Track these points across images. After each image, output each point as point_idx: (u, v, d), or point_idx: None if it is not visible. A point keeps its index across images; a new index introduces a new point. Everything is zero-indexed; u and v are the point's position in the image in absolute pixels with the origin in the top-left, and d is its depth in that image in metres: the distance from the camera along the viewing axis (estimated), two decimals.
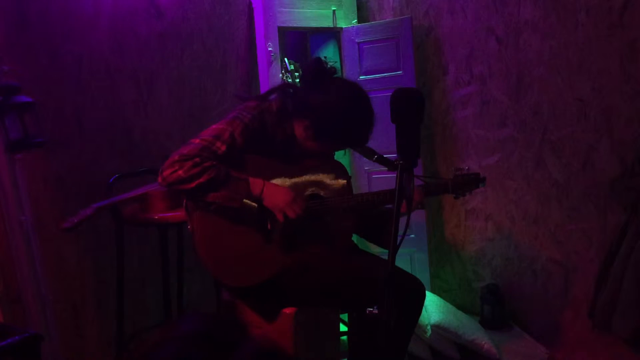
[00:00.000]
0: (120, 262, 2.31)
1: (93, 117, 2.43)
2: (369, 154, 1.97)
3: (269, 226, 1.88)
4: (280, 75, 2.94)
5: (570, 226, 2.68)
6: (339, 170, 2.03)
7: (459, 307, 3.01)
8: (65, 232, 1.92)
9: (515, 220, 2.89)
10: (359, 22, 3.15)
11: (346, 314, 2.50)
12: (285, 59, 3.00)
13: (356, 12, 3.17)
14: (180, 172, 1.73)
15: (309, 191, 1.95)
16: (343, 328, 2.53)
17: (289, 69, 2.97)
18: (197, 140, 1.79)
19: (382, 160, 1.95)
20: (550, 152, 2.69)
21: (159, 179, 1.77)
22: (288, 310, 1.92)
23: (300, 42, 3.36)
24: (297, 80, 2.97)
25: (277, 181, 1.89)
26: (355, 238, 2.22)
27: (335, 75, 1.94)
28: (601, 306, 2.46)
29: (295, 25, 3.03)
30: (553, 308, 2.80)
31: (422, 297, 1.99)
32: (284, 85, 2.06)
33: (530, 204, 2.81)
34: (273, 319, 1.92)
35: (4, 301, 2.13)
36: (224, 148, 1.79)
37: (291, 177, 1.92)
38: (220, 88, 2.89)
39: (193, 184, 1.74)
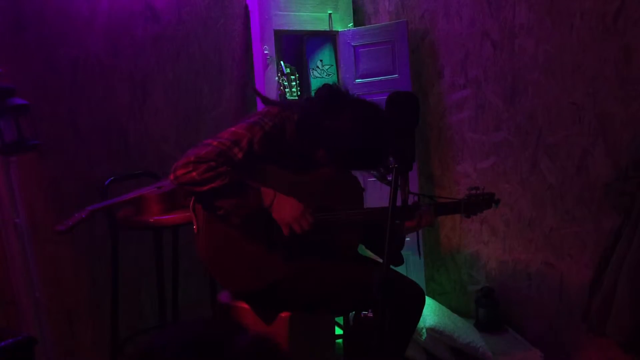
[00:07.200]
0: (115, 265, 2.30)
1: (88, 119, 2.43)
2: (383, 177, 1.89)
3: (273, 235, 1.85)
4: (276, 78, 2.94)
5: (564, 230, 2.69)
6: (352, 183, 2.00)
7: (454, 310, 3.02)
8: (60, 234, 1.91)
9: (510, 224, 2.89)
10: (354, 25, 3.16)
11: (341, 318, 2.50)
12: (282, 62, 3.00)
13: (352, 15, 3.18)
14: (194, 173, 1.70)
15: (319, 203, 1.90)
16: (338, 331, 2.53)
17: (285, 72, 2.98)
18: (215, 143, 1.74)
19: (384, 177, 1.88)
20: (545, 156, 2.70)
21: (171, 176, 1.73)
22: (284, 314, 1.92)
23: (297, 46, 3.36)
24: (293, 84, 2.97)
25: (289, 192, 1.83)
26: None
27: (349, 96, 1.84)
28: (595, 310, 2.46)
29: (291, 28, 3.03)
30: (548, 311, 2.81)
31: (422, 303, 1.97)
32: (306, 101, 1.96)
33: (525, 208, 2.82)
34: (269, 322, 1.92)
35: None
36: (240, 155, 1.75)
37: (304, 188, 1.87)
38: (216, 91, 2.89)
39: (205, 188, 1.71)
